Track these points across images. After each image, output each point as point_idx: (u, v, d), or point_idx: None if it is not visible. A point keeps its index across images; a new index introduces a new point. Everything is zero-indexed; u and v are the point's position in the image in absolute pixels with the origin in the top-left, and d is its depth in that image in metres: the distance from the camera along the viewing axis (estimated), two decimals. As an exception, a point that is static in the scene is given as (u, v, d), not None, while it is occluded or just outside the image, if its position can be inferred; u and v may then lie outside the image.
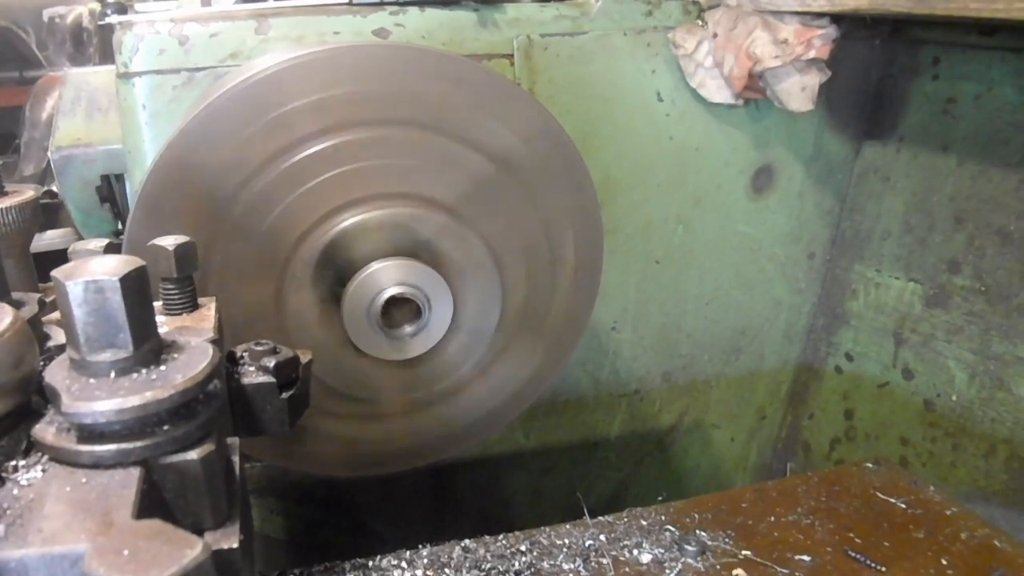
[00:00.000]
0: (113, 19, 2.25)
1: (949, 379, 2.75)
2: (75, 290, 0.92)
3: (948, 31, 2.67)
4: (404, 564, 1.85)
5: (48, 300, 1.29)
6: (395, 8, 2.26)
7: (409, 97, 1.88)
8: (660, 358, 3.04)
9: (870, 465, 2.23)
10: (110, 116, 2.62)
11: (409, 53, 1.95)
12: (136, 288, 0.95)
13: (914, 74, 2.81)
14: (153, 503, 0.91)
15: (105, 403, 0.89)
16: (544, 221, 2.05)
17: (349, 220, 1.87)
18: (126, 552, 0.75)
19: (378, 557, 1.86)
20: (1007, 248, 2.57)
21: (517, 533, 1.95)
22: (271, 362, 1.20)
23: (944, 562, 1.85)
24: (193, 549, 0.75)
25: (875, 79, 2.89)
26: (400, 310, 1.95)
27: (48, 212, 3.85)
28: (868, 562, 1.85)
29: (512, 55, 2.40)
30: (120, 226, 2.69)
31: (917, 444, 2.85)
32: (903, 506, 2.06)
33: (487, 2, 2.35)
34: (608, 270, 2.30)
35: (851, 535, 1.94)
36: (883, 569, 1.83)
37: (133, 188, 2.31)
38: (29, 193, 1.52)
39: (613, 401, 3.04)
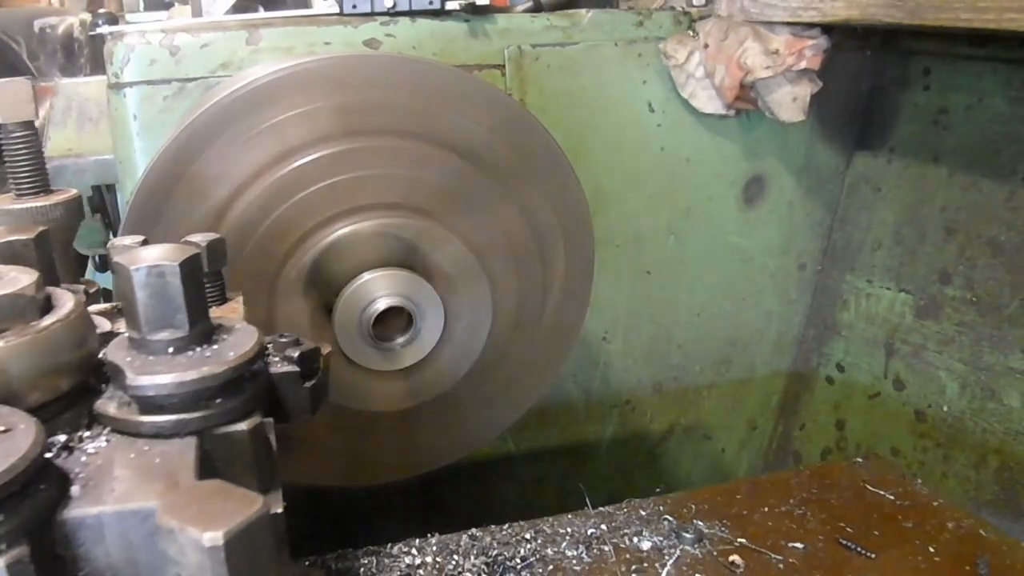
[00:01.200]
0: (104, 29, 2.25)
1: (940, 389, 2.75)
2: (139, 275, 1.00)
3: (939, 42, 2.68)
4: (414, 551, 1.89)
5: (91, 292, 1.35)
6: (386, 19, 2.26)
7: (400, 107, 1.88)
8: (651, 368, 3.04)
9: (860, 460, 2.26)
10: (101, 126, 2.61)
11: (400, 63, 1.95)
12: (192, 273, 1.03)
13: (905, 85, 2.82)
14: (207, 471, 0.97)
15: (166, 377, 0.97)
16: (535, 231, 2.05)
17: (340, 231, 1.87)
18: (194, 507, 0.80)
19: (389, 544, 1.90)
20: (998, 258, 2.57)
21: (521, 522, 1.99)
22: (295, 353, 1.25)
23: (932, 550, 1.90)
24: (255, 504, 0.81)
25: (866, 90, 2.90)
26: (391, 320, 1.95)
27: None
28: (859, 550, 1.88)
29: (503, 65, 2.40)
30: (111, 236, 2.68)
31: (908, 454, 2.86)
32: (892, 498, 2.09)
33: (478, 12, 2.36)
34: (599, 281, 2.30)
35: (842, 525, 1.98)
36: (873, 556, 1.86)
37: (124, 199, 2.30)
38: (73, 191, 1.58)
39: (604, 411, 3.04)
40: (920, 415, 2.82)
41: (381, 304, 1.88)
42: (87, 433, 1.00)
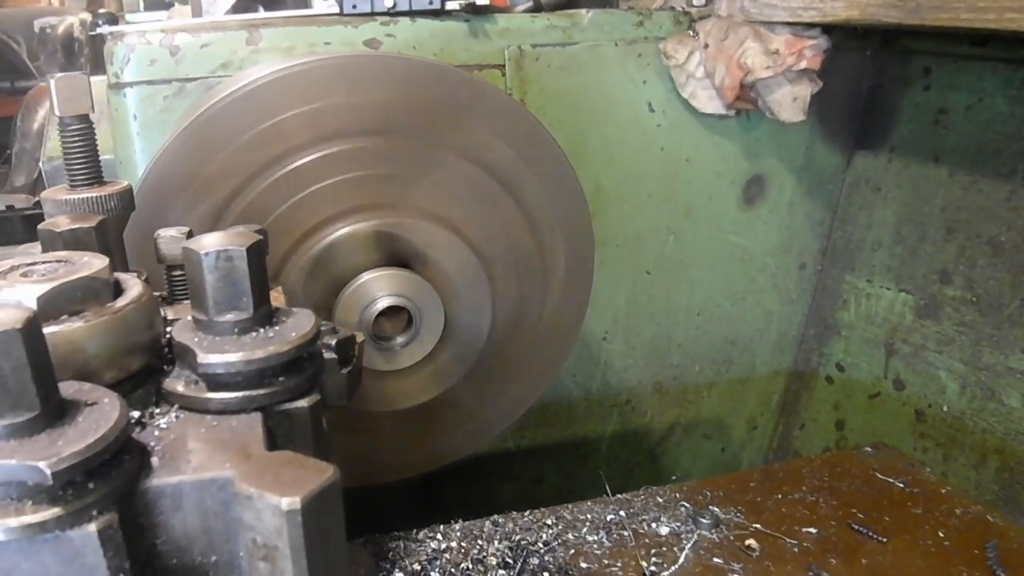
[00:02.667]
0: (104, 29, 2.25)
1: (940, 389, 2.75)
2: (208, 259, 1.04)
3: (939, 42, 2.68)
4: (439, 536, 1.94)
5: (141, 279, 1.39)
6: (386, 19, 2.26)
7: (399, 107, 1.88)
8: (651, 368, 3.04)
9: (869, 449, 2.31)
10: (101, 126, 2.60)
11: (399, 63, 1.95)
12: (257, 257, 1.08)
13: (905, 84, 2.82)
14: (271, 446, 1.02)
15: (234, 355, 1.02)
16: (535, 231, 2.05)
17: (340, 231, 1.87)
18: (269, 475, 0.85)
19: (414, 531, 1.96)
20: (998, 258, 2.57)
21: (543, 509, 2.05)
22: (333, 340, 1.28)
23: (941, 535, 1.95)
24: (327, 472, 0.85)
25: (866, 89, 2.90)
26: (391, 320, 1.95)
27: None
28: (870, 534, 1.93)
29: (503, 65, 2.41)
30: (111, 236, 2.68)
31: (908, 454, 2.85)
32: (901, 485, 2.13)
33: (478, 12, 2.36)
34: (599, 280, 2.30)
35: (853, 511, 2.03)
36: (884, 540, 1.92)
37: (124, 198, 2.30)
38: (125, 183, 1.61)
39: (604, 411, 3.04)
40: (920, 415, 2.82)
41: (381, 304, 1.88)
42: (157, 410, 1.05)
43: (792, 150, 2.89)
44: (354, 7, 2.24)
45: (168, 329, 1.14)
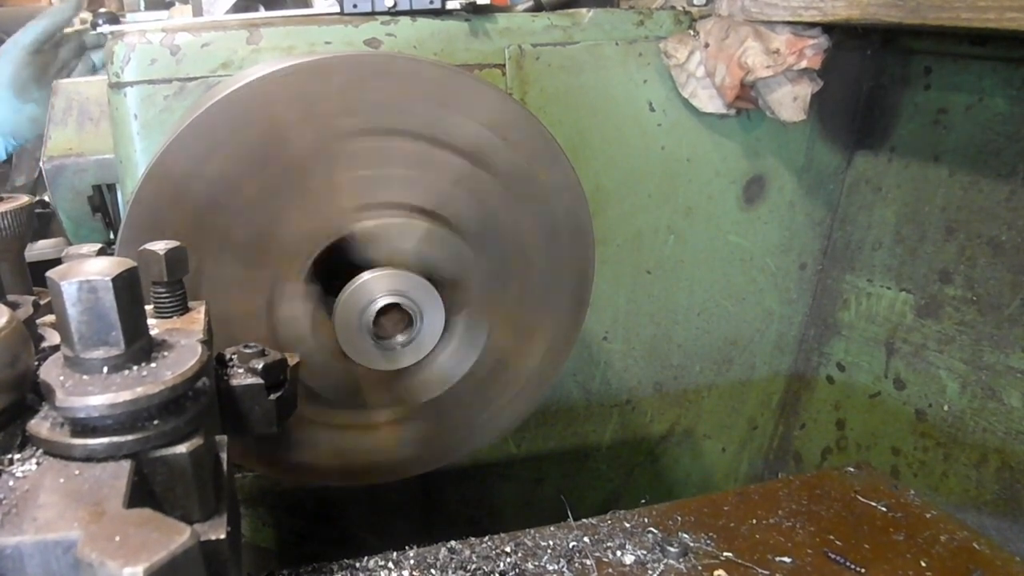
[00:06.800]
0: (104, 29, 2.25)
1: (940, 389, 2.75)
2: (69, 290, 0.96)
3: (939, 41, 2.67)
4: (391, 565, 1.88)
5: (42, 303, 1.33)
6: (386, 18, 2.26)
7: (400, 106, 1.88)
8: (651, 368, 3.04)
9: (851, 469, 2.26)
10: (101, 126, 2.60)
11: (400, 63, 1.95)
12: (127, 288, 0.99)
13: (905, 84, 2.82)
14: (143, 495, 0.95)
15: (98, 398, 0.94)
16: (535, 230, 2.05)
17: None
18: (117, 539, 0.78)
19: (365, 558, 1.89)
20: (998, 258, 2.57)
21: (502, 535, 1.98)
22: (259, 364, 1.24)
23: (923, 564, 1.88)
24: (181, 535, 0.79)
25: (866, 89, 2.90)
26: (392, 320, 1.94)
27: (40, 222, 3.83)
28: (848, 564, 1.87)
29: (503, 65, 2.40)
30: (112, 236, 2.68)
31: (908, 454, 2.86)
32: (883, 509, 2.08)
33: (478, 12, 2.35)
34: (599, 280, 2.30)
35: (831, 537, 1.96)
36: (862, 571, 1.85)
37: (124, 198, 2.30)
38: (24, 199, 1.55)
39: (604, 411, 3.04)
40: (920, 414, 2.82)
41: (381, 302, 1.87)
42: (19, 455, 0.98)
43: (792, 150, 2.89)
44: (354, 6, 2.24)
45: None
